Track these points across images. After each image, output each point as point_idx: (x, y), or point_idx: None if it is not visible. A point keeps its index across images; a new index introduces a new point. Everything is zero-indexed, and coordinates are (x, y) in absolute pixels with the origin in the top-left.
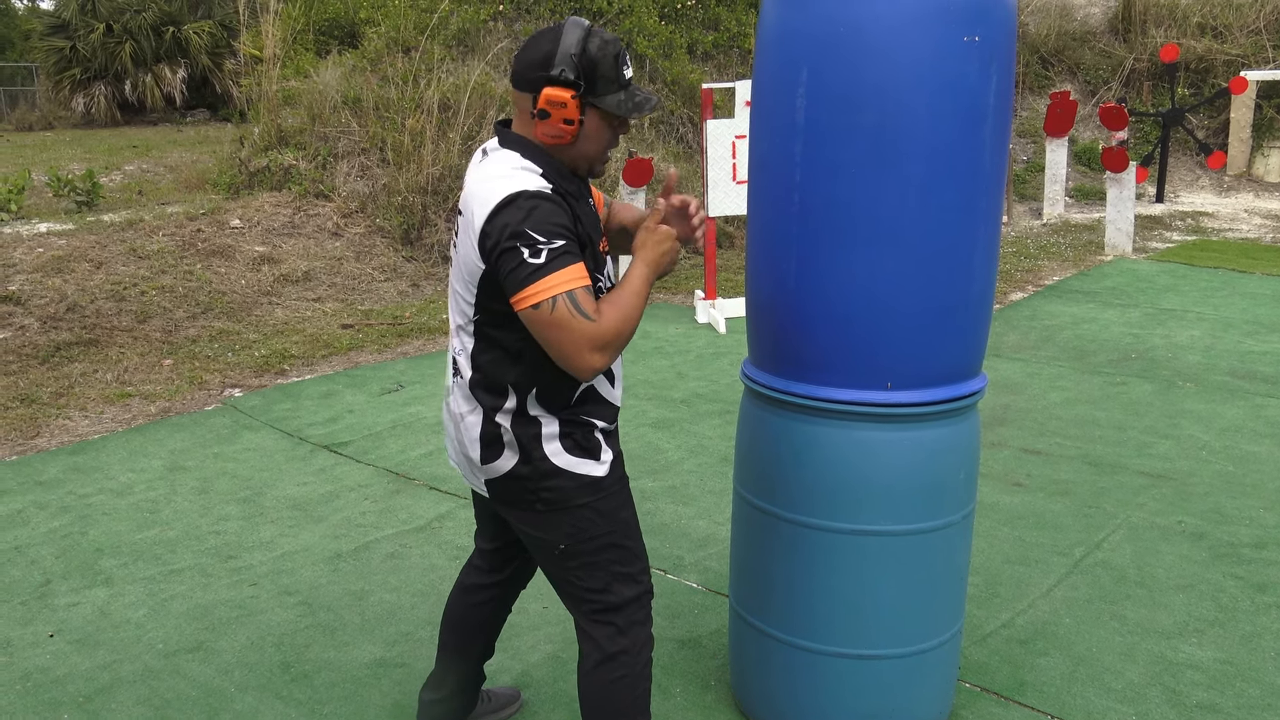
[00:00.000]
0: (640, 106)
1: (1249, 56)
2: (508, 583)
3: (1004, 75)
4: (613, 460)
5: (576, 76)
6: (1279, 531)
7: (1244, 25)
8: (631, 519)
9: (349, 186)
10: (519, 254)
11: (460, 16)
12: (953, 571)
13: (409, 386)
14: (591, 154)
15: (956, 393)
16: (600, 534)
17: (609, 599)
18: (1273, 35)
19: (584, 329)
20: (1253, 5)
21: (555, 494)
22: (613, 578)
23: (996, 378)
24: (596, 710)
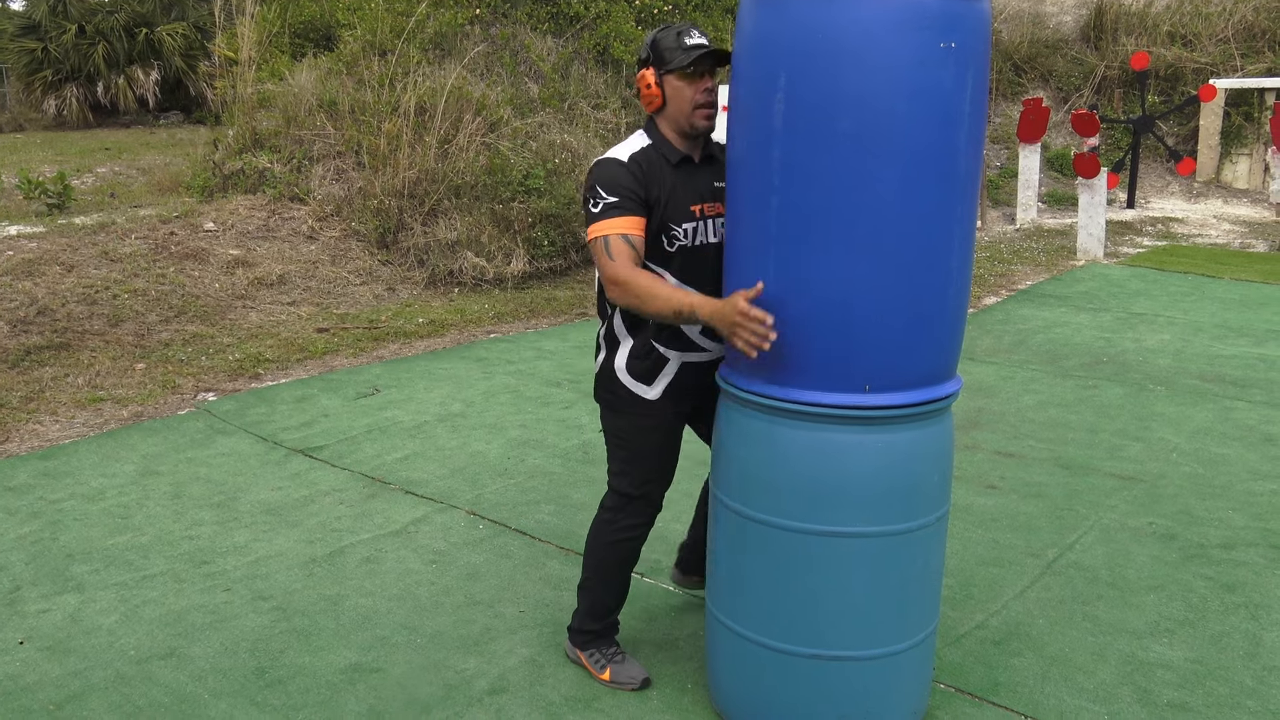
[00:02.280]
0: (690, 51)
1: (1218, 65)
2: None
3: (979, 81)
4: (665, 390)
5: (648, 56)
6: (1247, 532)
7: (1213, 34)
8: (660, 444)
9: (324, 190)
10: (585, 203)
11: (437, 20)
12: (927, 573)
13: (385, 390)
14: (684, 111)
15: (931, 395)
16: (628, 439)
17: (612, 481)
18: (1240, 44)
19: (606, 266)
20: (1221, 14)
21: (612, 397)
22: (620, 471)
23: (971, 381)
24: (589, 541)
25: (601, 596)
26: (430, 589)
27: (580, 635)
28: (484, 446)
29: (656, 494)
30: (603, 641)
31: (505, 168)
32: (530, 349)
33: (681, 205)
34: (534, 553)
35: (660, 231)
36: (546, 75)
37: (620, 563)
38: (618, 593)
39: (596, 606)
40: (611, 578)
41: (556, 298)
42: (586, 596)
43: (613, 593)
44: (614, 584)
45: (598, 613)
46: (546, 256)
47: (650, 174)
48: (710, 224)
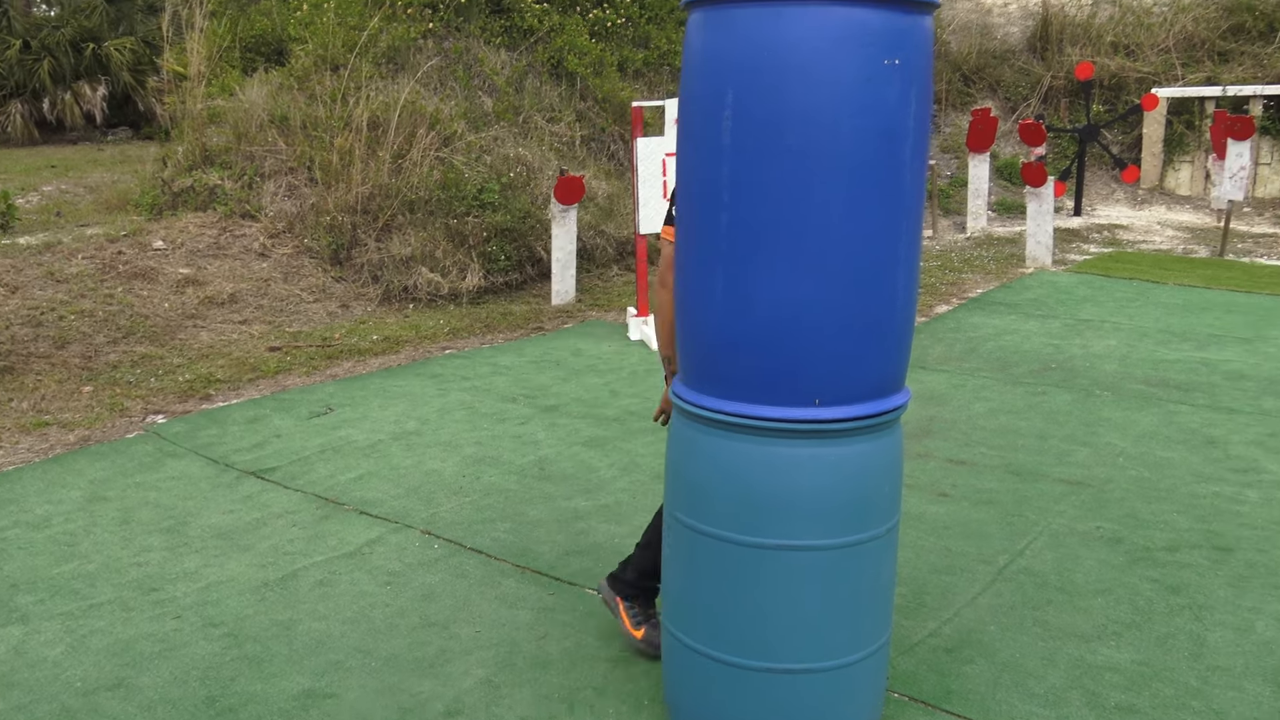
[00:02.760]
0: None
1: (1159, 74)
2: None
3: (922, 97)
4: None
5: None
6: (1191, 534)
7: (1154, 44)
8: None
9: (276, 206)
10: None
11: (390, 34)
12: (879, 584)
13: (339, 409)
14: None
15: (881, 408)
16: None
17: None
18: (1181, 54)
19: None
20: (1162, 25)
21: None
22: None
23: (922, 390)
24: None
25: (653, 554)
26: (385, 611)
27: (627, 586)
28: (439, 464)
29: None
30: (645, 601)
31: (459, 182)
32: (486, 365)
33: None
34: (490, 572)
35: None
36: (500, 89)
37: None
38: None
39: (646, 565)
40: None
41: (512, 312)
42: (648, 555)
43: (654, 559)
44: (655, 552)
45: (650, 572)
46: (502, 271)
47: None
48: None
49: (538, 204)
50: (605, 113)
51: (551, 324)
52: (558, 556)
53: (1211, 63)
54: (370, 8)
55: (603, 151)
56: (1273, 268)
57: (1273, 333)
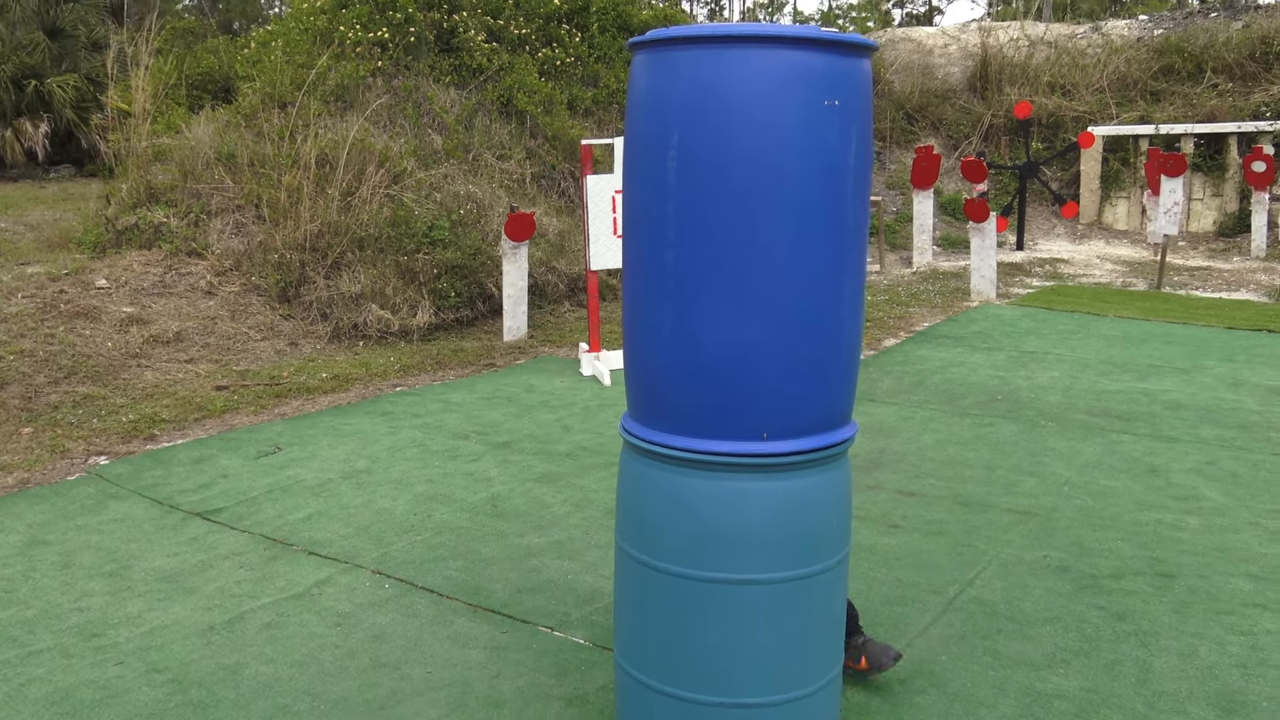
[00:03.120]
0: None
1: (1095, 113)
2: None
3: (863, 137)
4: None
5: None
6: (1135, 561)
7: (1089, 84)
8: None
9: (223, 244)
10: None
11: (338, 72)
12: (829, 616)
13: (287, 448)
14: None
15: (828, 441)
16: None
17: None
18: (1115, 94)
19: None
20: (1096, 66)
21: None
22: None
23: (872, 422)
24: None
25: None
26: (334, 653)
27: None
28: (390, 503)
29: None
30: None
31: (409, 219)
32: (437, 401)
33: None
34: (441, 611)
35: None
36: (450, 126)
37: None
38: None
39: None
40: None
41: (464, 349)
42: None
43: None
44: None
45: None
46: (453, 308)
47: None
48: None
49: (488, 241)
50: (555, 150)
51: (503, 360)
52: (510, 594)
53: (1144, 102)
54: (319, 46)
55: (553, 188)
56: (1208, 300)
57: (1209, 363)
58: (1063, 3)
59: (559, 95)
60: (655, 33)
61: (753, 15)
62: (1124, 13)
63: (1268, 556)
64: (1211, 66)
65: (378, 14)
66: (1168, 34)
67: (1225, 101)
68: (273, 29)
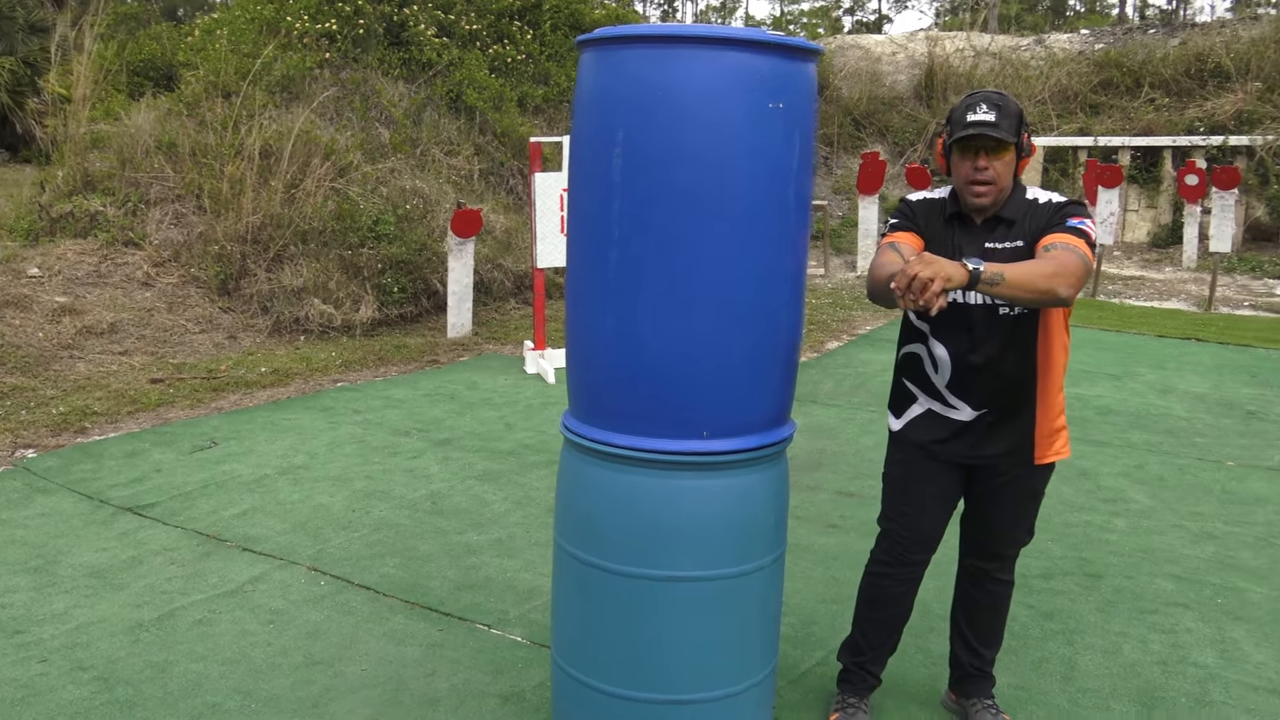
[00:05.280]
0: (966, 126)
1: (1036, 124)
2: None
3: (805, 139)
4: (907, 425)
5: (944, 125)
6: (1064, 562)
7: (1031, 95)
8: (902, 480)
9: (162, 234)
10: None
11: (285, 63)
12: (765, 614)
13: (223, 443)
14: (959, 183)
15: (767, 440)
16: (885, 467)
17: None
18: (1056, 105)
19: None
20: (1038, 78)
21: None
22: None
23: (813, 424)
24: None
25: (854, 629)
26: (267, 650)
27: (840, 665)
28: (327, 499)
29: (900, 535)
30: (849, 687)
31: (355, 213)
32: (378, 398)
33: (941, 245)
34: (378, 608)
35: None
36: (398, 121)
37: (867, 599)
38: (868, 635)
39: (849, 640)
40: (861, 612)
41: (407, 345)
42: (852, 627)
43: (863, 631)
44: (863, 621)
45: (849, 646)
46: (397, 303)
47: (923, 215)
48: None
49: (434, 237)
50: (504, 147)
51: (447, 357)
52: (448, 592)
53: (1084, 114)
54: (265, 36)
55: (501, 185)
56: (1140, 308)
57: (1140, 369)
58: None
59: (509, 92)
60: (603, 31)
61: (705, 17)
62: (1066, 26)
63: (1190, 558)
64: (1149, 81)
65: (326, 5)
66: (1108, 49)
67: (1161, 116)
68: (218, 17)
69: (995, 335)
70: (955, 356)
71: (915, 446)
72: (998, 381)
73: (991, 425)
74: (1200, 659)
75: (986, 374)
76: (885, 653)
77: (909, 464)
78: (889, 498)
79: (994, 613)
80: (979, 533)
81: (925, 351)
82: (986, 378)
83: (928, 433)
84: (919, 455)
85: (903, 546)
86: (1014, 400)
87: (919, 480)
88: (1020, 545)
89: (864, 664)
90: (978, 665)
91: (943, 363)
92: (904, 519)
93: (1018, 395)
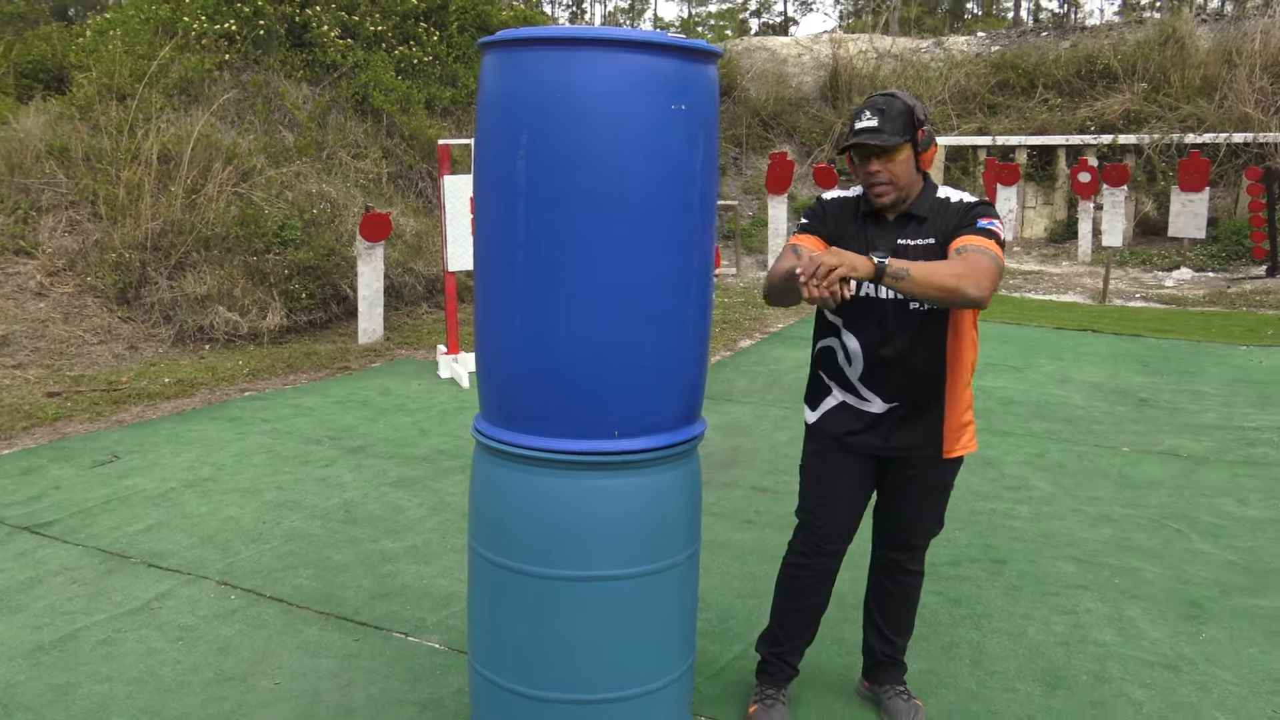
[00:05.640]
0: (851, 134)
1: (938, 124)
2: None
3: (709, 141)
4: (822, 418)
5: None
6: (971, 549)
7: (933, 96)
8: (818, 473)
9: (55, 242)
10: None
11: (182, 65)
12: (682, 610)
13: (126, 457)
14: (862, 184)
15: (677, 438)
16: (802, 458)
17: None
18: (956, 105)
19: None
20: (939, 79)
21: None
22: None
23: (727, 421)
24: None
25: (772, 621)
26: (175, 668)
27: (759, 657)
28: (236, 511)
29: (816, 526)
30: (767, 679)
31: (259, 218)
32: (288, 406)
33: (846, 243)
34: (291, 620)
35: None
36: (302, 124)
37: (785, 590)
38: (786, 626)
39: (767, 631)
40: (779, 603)
41: (317, 352)
42: (770, 619)
43: (780, 622)
44: (780, 612)
45: (766, 638)
46: (305, 309)
47: (834, 214)
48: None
49: (343, 241)
50: (412, 150)
51: (358, 363)
52: (364, 601)
53: (982, 114)
54: (161, 36)
55: (410, 189)
56: (1040, 301)
57: (1040, 361)
58: (908, 17)
59: (416, 94)
60: (505, 33)
61: (613, 19)
62: (964, 29)
63: (1089, 541)
64: (1043, 82)
65: (225, 5)
66: (1004, 50)
67: (1055, 116)
68: (111, 17)
69: (906, 330)
70: (867, 349)
71: (830, 438)
72: (908, 375)
73: (903, 418)
74: (1100, 638)
75: (897, 367)
76: (803, 643)
77: (824, 455)
78: (805, 489)
79: (905, 602)
80: (890, 524)
81: (839, 344)
82: (897, 371)
83: (842, 424)
84: (833, 447)
85: (819, 537)
86: (924, 394)
87: (834, 472)
88: (930, 536)
89: (782, 655)
90: (890, 653)
91: (855, 355)
92: (820, 510)
93: (927, 389)
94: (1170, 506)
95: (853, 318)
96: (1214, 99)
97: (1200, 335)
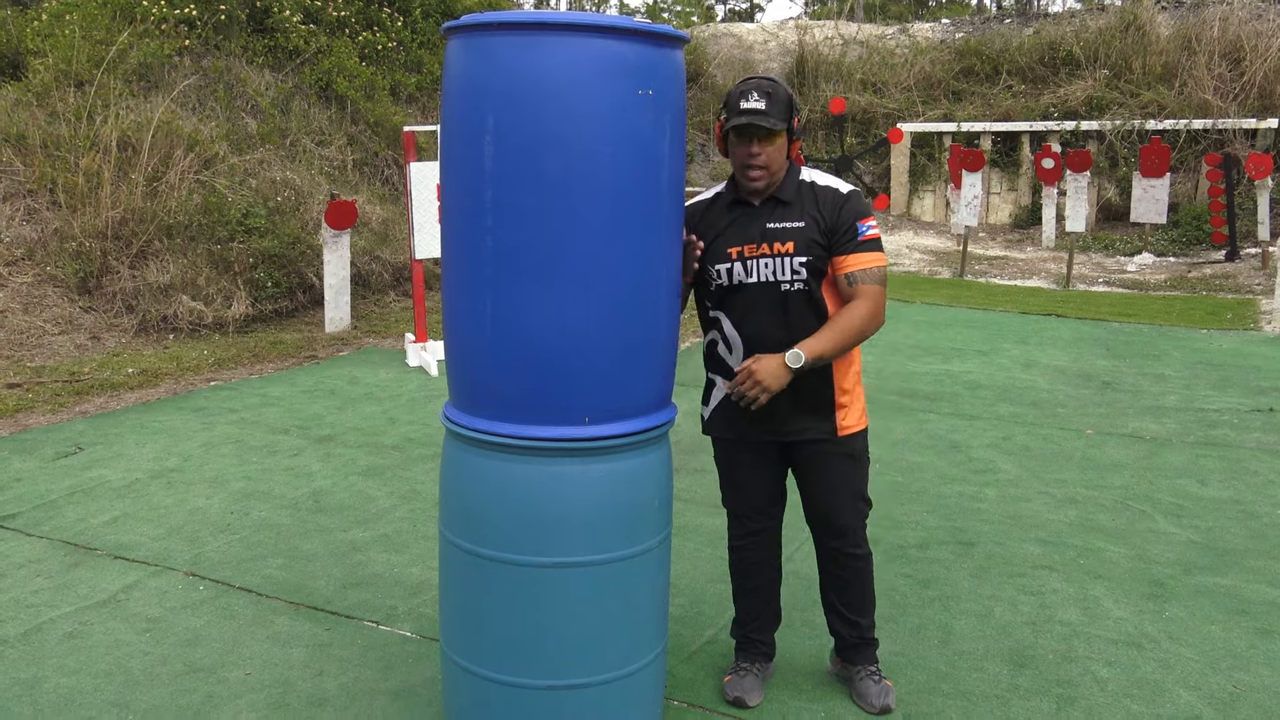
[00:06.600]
0: (739, 114)
1: (903, 111)
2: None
3: (676, 126)
4: (714, 412)
5: (721, 109)
6: (939, 532)
7: (898, 83)
8: (725, 464)
9: (13, 232)
10: None
11: (141, 50)
12: (654, 595)
13: (89, 448)
14: (736, 166)
15: (648, 424)
16: (714, 455)
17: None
18: (921, 93)
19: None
20: (904, 66)
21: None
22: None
23: (698, 407)
24: None
25: (735, 605)
26: (144, 660)
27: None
28: (204, 502)
29: (737, 510)
30: (742, 654)
31: (222, 206)
32: (255, 396)
33: (719, 249)
34: (261, 610)
35: (702, 273)
36: (265, 110)
37: (735, 572)
38: (745, 606)
39: (735, 615)
40: (735, 585)
41: (283, 341)
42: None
43: (739, 602)
44: (738, 594)
45: (735, 622)
46: (271, 298)
47: (704, 218)
48: (752, 264)
49: (308, 229)
50: (378, 137)
51: (325, 352)
52: (334, 590)
53: (947, 101)
54: (119, 21)
55: (376, 176)
56: (1005, 286)
57: (1005, 345)
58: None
59: (381, 80)
60: (470, 18)
61: (578, 4)
62: (929, 16)
63: (1054, 522)
64: (1006, 69)
65: None
66: (968, 37)
67: (1019, 102)
68: (68, 1)
69: (776, 311)
70: (745, 337)
71: (726, 431)
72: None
73: (790, 403)
74: (1065, 617)
75: (773, 349)
76: (767, 621)
77: (727, 451)
78: (720, 479)
79: (859, 585)
80: (815, 509)
81: (720, 335)
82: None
83: (731, 418)
84: (731, 440)
85: (743, 518)
86: (806, 377)
87: (735, 464)
88: (861, 516)
89: (749, 634)
90: (857, 635)
91: (735, 343)
92: (735, 496)
93: (810, 371)
94: (1133, 488)
95: (727, 304)
96: (1174, 85)
97: (1162, 319)
